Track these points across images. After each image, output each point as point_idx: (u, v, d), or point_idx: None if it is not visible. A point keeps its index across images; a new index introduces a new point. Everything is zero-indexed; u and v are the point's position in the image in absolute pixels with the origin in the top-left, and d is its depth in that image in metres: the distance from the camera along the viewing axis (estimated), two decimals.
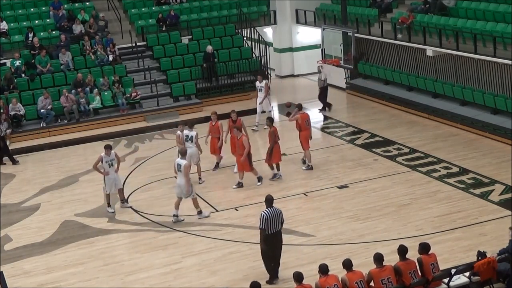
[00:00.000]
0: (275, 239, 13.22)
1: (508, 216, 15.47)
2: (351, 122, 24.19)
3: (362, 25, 27.51)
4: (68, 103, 25.39)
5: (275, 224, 13.11)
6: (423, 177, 18.41)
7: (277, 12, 31.61)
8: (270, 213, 13.08)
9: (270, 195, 13.43)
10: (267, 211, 13.08)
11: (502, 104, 21.13)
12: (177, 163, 16.32)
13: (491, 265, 12.01)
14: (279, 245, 13.36)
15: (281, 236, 13.34)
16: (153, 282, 13.92)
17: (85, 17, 29.35)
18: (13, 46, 27.90)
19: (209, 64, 27.80)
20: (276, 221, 13.12)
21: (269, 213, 13.07)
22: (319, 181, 18.59)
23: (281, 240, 13.37)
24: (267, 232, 13.07)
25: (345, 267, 11.57)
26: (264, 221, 13.02)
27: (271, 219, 13.05)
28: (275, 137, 18.56)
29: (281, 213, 13.31)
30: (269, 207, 13.17)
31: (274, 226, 13.11)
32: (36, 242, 16.15)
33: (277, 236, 13.23)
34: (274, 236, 13.17)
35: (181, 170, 16.13)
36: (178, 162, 16.28)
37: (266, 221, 13.00)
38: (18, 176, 20.98)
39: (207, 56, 27.90)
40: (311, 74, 31.41)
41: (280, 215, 13.23)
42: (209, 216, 16.72)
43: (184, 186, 16.16)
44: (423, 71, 25.19)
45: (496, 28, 21.84)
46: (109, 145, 17.80)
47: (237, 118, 19.44)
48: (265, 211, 13.10)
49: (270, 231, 13.07)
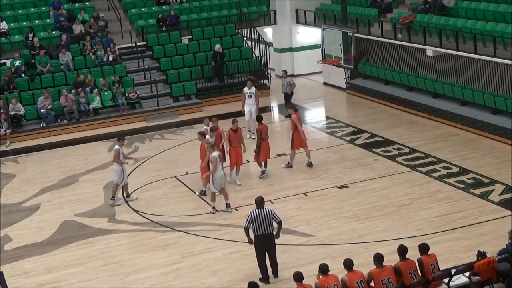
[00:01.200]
0: (263, 241, 13.17)
1: (508, 216, 15.47)
2: (351, 122, 24.18)
3: (362, 25, 27.51)
4: (67, 103, 25.40)
5: (263, 225, 13.06)
6: (423, 177, 18.41)
7: (277, 12, 31.62)
8: (257, 214, 13.07)
9: (259, 197, 13.45)
10: (253, 212, 13.12)
11: (502, 104, 21.13)
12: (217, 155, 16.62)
13: (491, 265, 12.00)
14: (270, 247, 13.28)
15: (272, 238, 13.25)
16: (153, 282, 13.92)
17: (85, 17, 29.36)
18: (13, 46, 27.91)
19: (218, 63, 27.85)
20: (264, 223, 13.06)
21: (256, 214, 13.07)
22: (319, 181, 18.59)
23: (272, 242, 13.27)
24: (256, 233, 13.09)
25: (346, 267, 11.56)
26: (248, 221, 13.09)
27: (258, 220, 13.03)
28: (262, 135, 18.60)
29: (273, 214, 13.17)
30: (258, 208, 13.17)
31: (262, 228, 13.06)
32: (36, 242, 16.15)
33: (266, 238, 13.16)
34: (262, 238, 13.12)
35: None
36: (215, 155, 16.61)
37: (251, 221, 13.04)
38: (18, 176, 20.98)
39: (215, 55, 27.97)
40: (311, 74, 31.48)
41: (271, 217, 13.12)
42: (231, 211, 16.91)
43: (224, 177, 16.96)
44: (423, 71, 25.19)
45: (496, 28, 21.85)
46: (122, 137, 18.42)
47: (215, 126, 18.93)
48: (252, 212, 13.15)
49: (257, 232, 13.09)
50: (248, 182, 18.93)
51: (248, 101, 22.38)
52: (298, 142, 19.37)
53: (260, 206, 13.24)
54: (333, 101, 27.60)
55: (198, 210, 17.34)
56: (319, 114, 26.23)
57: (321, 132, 23.59)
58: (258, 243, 13.24)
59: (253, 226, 13.12)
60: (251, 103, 22.35)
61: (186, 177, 19.59)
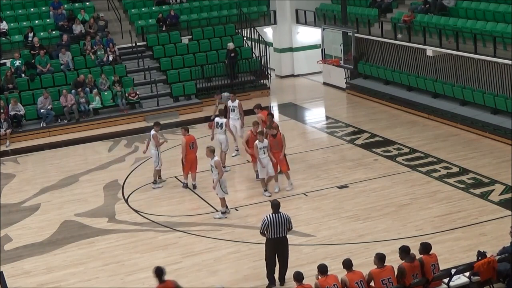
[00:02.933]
0: (277, 244, 12.93)
1: (508, 216, 15.47)
2: (351, 122, 24.18)
3: (362, 25, 27.52)
4: (67, 103, 25.40)
5: (278, 229, 12.81)
6: (423, 177, 18.41)
7: (277, 12, 31.61)
8: (273, 218, 12.79)
9: (276, 201, 13.22)
10: (269, 217, 12.82)
11: (502, 104, 21.13)
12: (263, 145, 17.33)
13: (491, 265, 12.00)
14: (284, 250, 13.05)
15: (287, 242, 13.04)
16: (153, 282, 13.76)
17: (85, 17, 29.36)
18: (13, 46, 27.90)
19: (232, 61, 27.96)
20: (280, 227, 12.81)
21: (272, 218, 12.79)
22: (319, 181, 18.59)
23: (286, 245, 13.06)
24: (269, 236, 12.87)
25: (345, 267, 11.55)
26: (264, 226, 12.81)
27: (273, 224, 12.76)
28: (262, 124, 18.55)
29: (289, 219, 12.99)
30: (275, 212, 12.89)
31: (277, 232, 12.82)
32: (36, 242, 16.14)
33: (281, 242, 12.94)
34: (277, 241, 12.88)
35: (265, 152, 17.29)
36: (264, 145, 17.33)
37: (266, 226, 12.77)
38: (18, 176, 20.97)
39: (228, 53, 28.06)
40: (311, 74, 31.48)
41: (287, 221, 12.91)
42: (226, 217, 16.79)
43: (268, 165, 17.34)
44: (423, 71, 25.19)
45: (496, 28, 21.85)
46: (158, 122, 19.29)
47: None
48: (268, 216, 12.86)
49: (272, 235, 12.83)
50: (248, 182, 18.93)
51: (232, 115, 20.80)
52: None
53: (277, 210, 12.94)
54: (333, 101, 27.58)
55: (198, 210, 17.35)
56: (319, 114, 26.23)
57: (321, 132, 23.59)
58: (271, 246, 12.96)
59: (268, 230, 12.82)
60: (235, 117, 20.80)
61: None
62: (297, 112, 26.44)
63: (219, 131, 19.59)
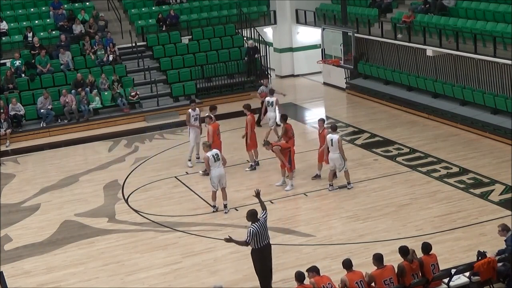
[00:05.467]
0: (265, 252, 12.75)
1: (508, 216, 15.47)
2: (351, 122, 24.18)
3: (362, 25, 27.52)
4: (67, 103, 25.40)
5: (263, 237, 12.62)
6: (423, 177, 18.41)
7: (277, 12, 31.61)
8: (257, 227, 12.53)
9: (253, 210, 12.80)
10: (255, 226, 12.52)
11: (502, 104, 21.13)
12: (330, 138, 17.37)
13: (491, 265, 12.01)
14: (270, 257, 12.91)
15: (270, 248, 12.87)
16: (153, 282, 13.92)
17: (85, 17, 29.36)
18: (13, 46, 27.89)
19: (251, 58, 28.12)
20: (264, 234, 12.63)
21: (257, 227, 12.53)
22: (319, 181, 18.58)
23: (271, 251, 12.90)
24: (255, 246, 12.60)
25: (345, 267, 11.56)
26: (252, 235, 12.47)
27: (259, 233, 12.55)
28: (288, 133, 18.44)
29: (266, 220, 12.75)
30: (254, 221, 12.58)
31: (263, 239, 12.63)
32: (36, 242, 16.15)
33: (266, 248, 12.76)
34: (263, 250, 12.69)
35: (333, 145, 17.32)
36: (331, 138, 17.38)
37: (255, 236, 12.49)
38: (18, 176, 20.97)
39: (248, 50, 28.34)
40: (311, 74, 31.47)
41: (266, 226, 12.71)
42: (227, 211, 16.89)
43: (337, 160, 17.40)
44: (423, 71, 25.19)
45: (496, 28, 21.85)
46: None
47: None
48: (253, 226, 12.52)
49: (259, 245, 12.60)
50: (248, 182, 18.92)
51: (195, 123, 20.19)
52: (253, 143, 19.50)
53: (255, 218, 12.64)
54: (333, 101, 27.58)
55: (198, 210, 17.35)
56: (319, 114, 26.18)
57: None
58: (260, 256, 12.69)
59: (254, 240, 12.57)
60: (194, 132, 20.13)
61: (186, 177, 19.60)
62: (297, 112, 26.43)
63: (270, 108, 22.18)
